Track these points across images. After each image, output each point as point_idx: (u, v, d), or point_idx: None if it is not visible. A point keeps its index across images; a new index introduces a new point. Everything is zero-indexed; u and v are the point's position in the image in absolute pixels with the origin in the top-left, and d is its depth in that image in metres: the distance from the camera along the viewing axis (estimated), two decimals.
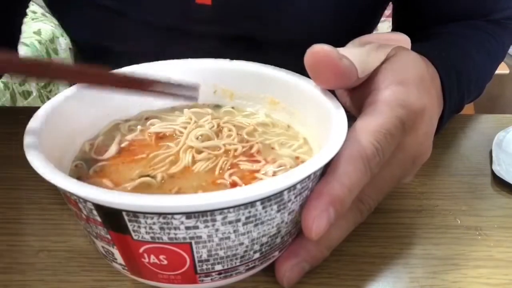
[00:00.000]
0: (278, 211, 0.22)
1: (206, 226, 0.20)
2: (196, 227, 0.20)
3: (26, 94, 1.51)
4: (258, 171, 0.27)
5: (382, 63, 0.28)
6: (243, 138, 0.30)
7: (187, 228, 0.20)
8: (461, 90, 0.36)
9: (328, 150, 0.22)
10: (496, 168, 0.37)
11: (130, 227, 0.20)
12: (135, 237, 0.21)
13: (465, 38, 0.43)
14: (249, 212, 0.20)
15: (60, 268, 0.28)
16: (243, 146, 0.29)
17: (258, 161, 0.28)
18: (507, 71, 1.56)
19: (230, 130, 0.30)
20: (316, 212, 0.22)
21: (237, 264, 0.23)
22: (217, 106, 0.34)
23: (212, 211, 0.20)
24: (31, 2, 0.53)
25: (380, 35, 0.31)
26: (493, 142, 0.40)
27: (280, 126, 0.32)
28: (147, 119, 0.32)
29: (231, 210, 0.20)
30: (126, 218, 0.20)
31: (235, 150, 0.28)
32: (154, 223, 0.20)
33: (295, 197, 0.22)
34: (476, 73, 0.41)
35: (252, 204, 0.20)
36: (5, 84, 1.39)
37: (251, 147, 0.29)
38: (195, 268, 0.22)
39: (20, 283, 0.27)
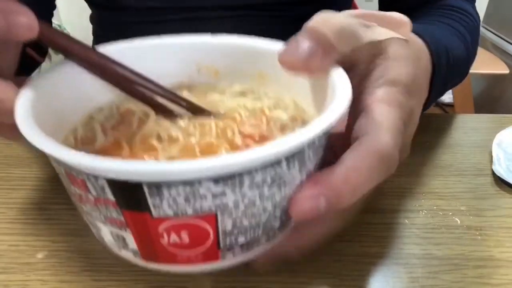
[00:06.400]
0: (299, 169, 0.21)
1: (233, 192, 0.19)
2: (223, 194, 0.19)
3: None
4: (265, 136, 0.25)
5: (378, 56, 0.27)
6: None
7: (214, 196, 0.19)
8: (450, 73, 0.38)
9: (339, 103, 0.21)
10: (496, 168, 0.37)
11: (151, 203, 0.18)
12: (155, 214, 0.19)
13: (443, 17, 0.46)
14: (275, 172, 0.19)
15: (60, 268, 0.28)
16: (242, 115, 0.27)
17: (257, 125, 0.26)
18: (507, 71, 1.56)
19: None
20: (307, 195, 0.21)
21: (259, 234, 0.22)
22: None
23: (240, 174, 0.18)
24: None
25: (381, 14, 0.29)
26: (493, 142, 0.40)
27: (268, 96, 0.30)
28: (120, 105, 0.29)
29: (259, 171, 0.19)
30: (147, 191, 0.18)
31: (239, 115, 0.27)
32: (178, 194, 0.18)
33: (313, 155, 0.21)
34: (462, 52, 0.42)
35: (278, 162, 0.19)
36: None
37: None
38: (218, 243, 0.21)
39: (20, 283, 0.27)
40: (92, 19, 0.59)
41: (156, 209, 0.19)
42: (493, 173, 0.37)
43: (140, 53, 0.30)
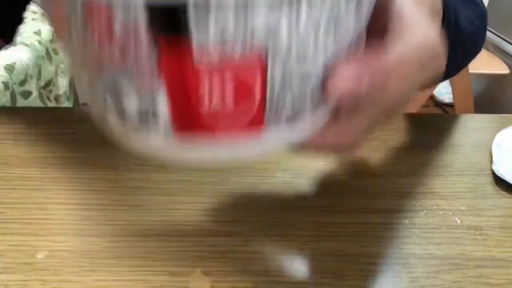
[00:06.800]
0: (356, 12, 0.18)
1: (288, 23, 0.16)
2: (277, 27, 0.16)
3: (26, 94, 1.51)
4: None
5: None
6: None
7: (266, 28, 0.16)
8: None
9: None
10: (496, 168, 0.37)
11: (194, 32, 0.16)
12: (198, 55, 0.16)
13: None
14: (332, 9, 0.17)
15: (60, 268, 0.28)
16: None
17: None
18: (507, 71, 1.56)
19: None
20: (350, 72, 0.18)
21: (304, 102, 0.19)
22: None
23: None
24: (31, 2, 0.52)
25: None
26: (493, 142, 0.40)
27: None
28: None
29: None
30: (191, 13, 0.15)
31: None
32: (228, 16, 0.16)
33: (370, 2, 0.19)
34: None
35: None
36: (5, 84, 1.39)
37: None
38: (265, 103, 0.18)
39: (20, 283, 0.27)
40: None
41: (199, 43, 0.16)
42: (493, 173, 0.37)
43: None
